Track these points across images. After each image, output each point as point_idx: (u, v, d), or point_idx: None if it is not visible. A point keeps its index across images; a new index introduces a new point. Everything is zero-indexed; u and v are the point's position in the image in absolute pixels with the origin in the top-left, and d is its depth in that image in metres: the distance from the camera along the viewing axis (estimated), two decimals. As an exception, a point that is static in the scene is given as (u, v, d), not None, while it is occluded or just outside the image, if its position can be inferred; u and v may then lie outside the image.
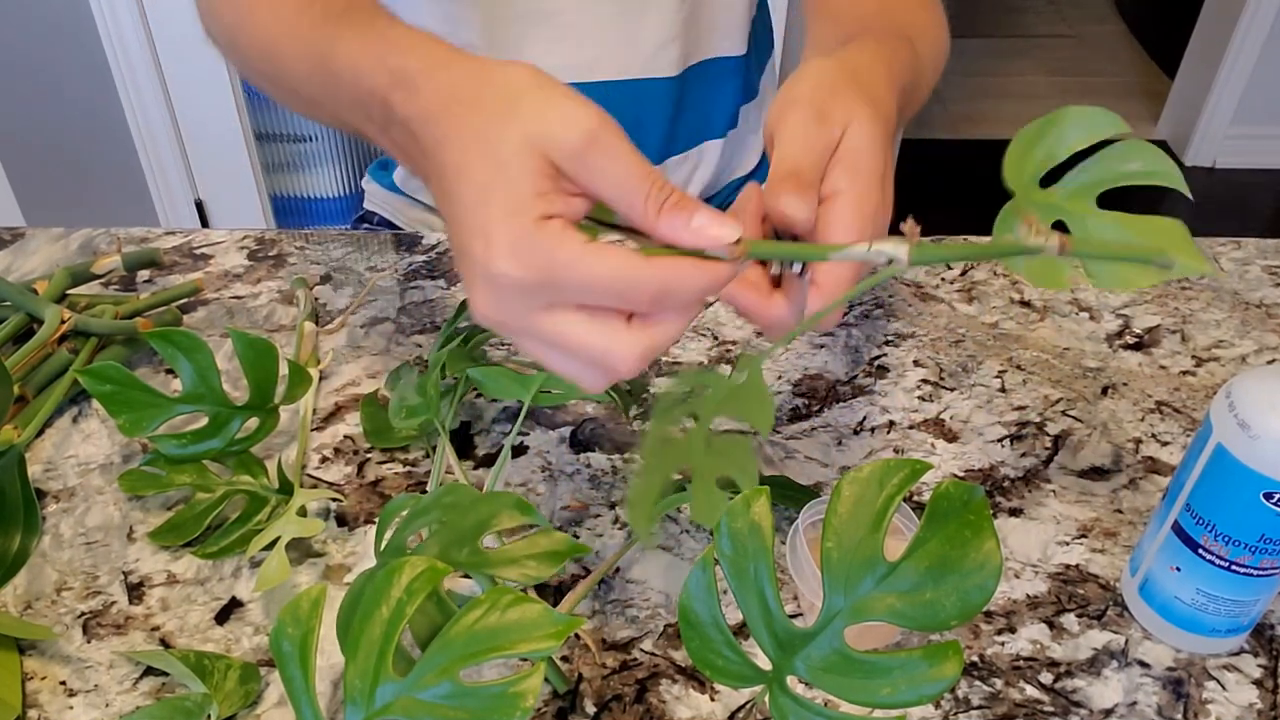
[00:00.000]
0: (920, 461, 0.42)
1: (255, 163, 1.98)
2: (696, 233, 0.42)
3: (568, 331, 0.43)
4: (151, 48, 1.82)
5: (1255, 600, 0.52)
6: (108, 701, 0.52)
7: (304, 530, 0.56)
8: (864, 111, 0.49)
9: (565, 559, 0.46)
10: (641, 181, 0.42)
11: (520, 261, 0.41)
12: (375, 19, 0.53)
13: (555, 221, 0.41)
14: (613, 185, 0.42)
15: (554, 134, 0.41)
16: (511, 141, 0.42)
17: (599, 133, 0.41)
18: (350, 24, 0.53)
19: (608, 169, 0.42)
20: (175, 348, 0.59)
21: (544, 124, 0.42)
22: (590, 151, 0.41)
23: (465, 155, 0.43)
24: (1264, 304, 0.77)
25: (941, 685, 0.39)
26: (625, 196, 0.42)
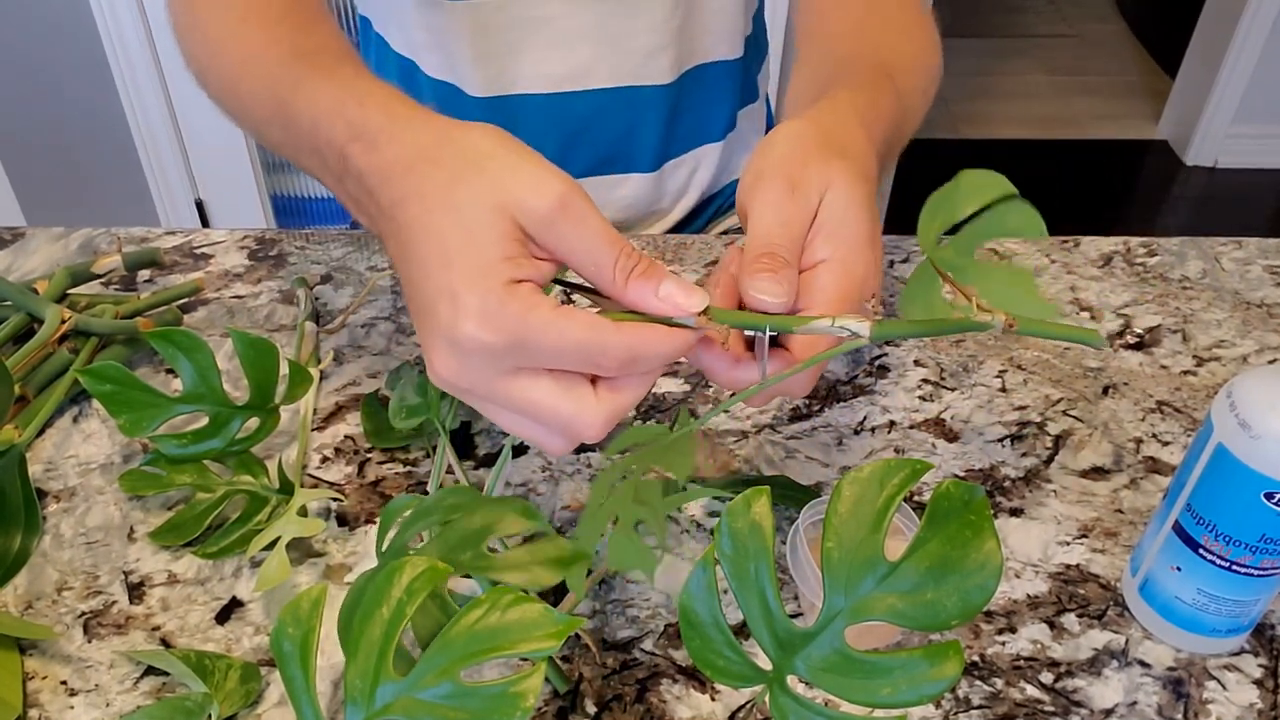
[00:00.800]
0: (921, 461, 0.42)
1: (255, 162, 1.98)
2: (664, 301, 0.43)
3: (535, 398, 0.42)
4: (152, 47, 1.82)
5: (1256, 600, 0.52)
6: (108, 701, 0.52)
7: (304, 530, 0.56)
8: (841, 174, 0.48)
9: (570, 565, 0.46)
10: (610, 248, 0.42)
11: (490, 325, 0.41)
12: (340, 65, 0.52)
13: (525, 285, 0.41)
14: (582, 252, 0.42)
15: (523, 199, 0.41)
16: (479, 204, 0.42)
17: (568, 199, 0.41)
18: (315, 68, 0.52)
19: (577, 235, 0.42)
20: (176, 347, 0.59)
21: (513, 189, 0.42)
22: (560, 218, 0.41)
23: (428, 215, 0.43)
24: (1265, 304, 0.77)
25: (942, 685, 0.39)
26: (594, 263, 0.42)
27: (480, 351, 0.41)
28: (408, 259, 0.44)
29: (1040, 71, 3.04)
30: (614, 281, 0.42)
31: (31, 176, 1.97)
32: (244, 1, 0.61)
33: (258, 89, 0.56)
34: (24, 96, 1.87)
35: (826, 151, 0.49)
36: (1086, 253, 0.82)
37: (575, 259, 0.43)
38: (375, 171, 0.45)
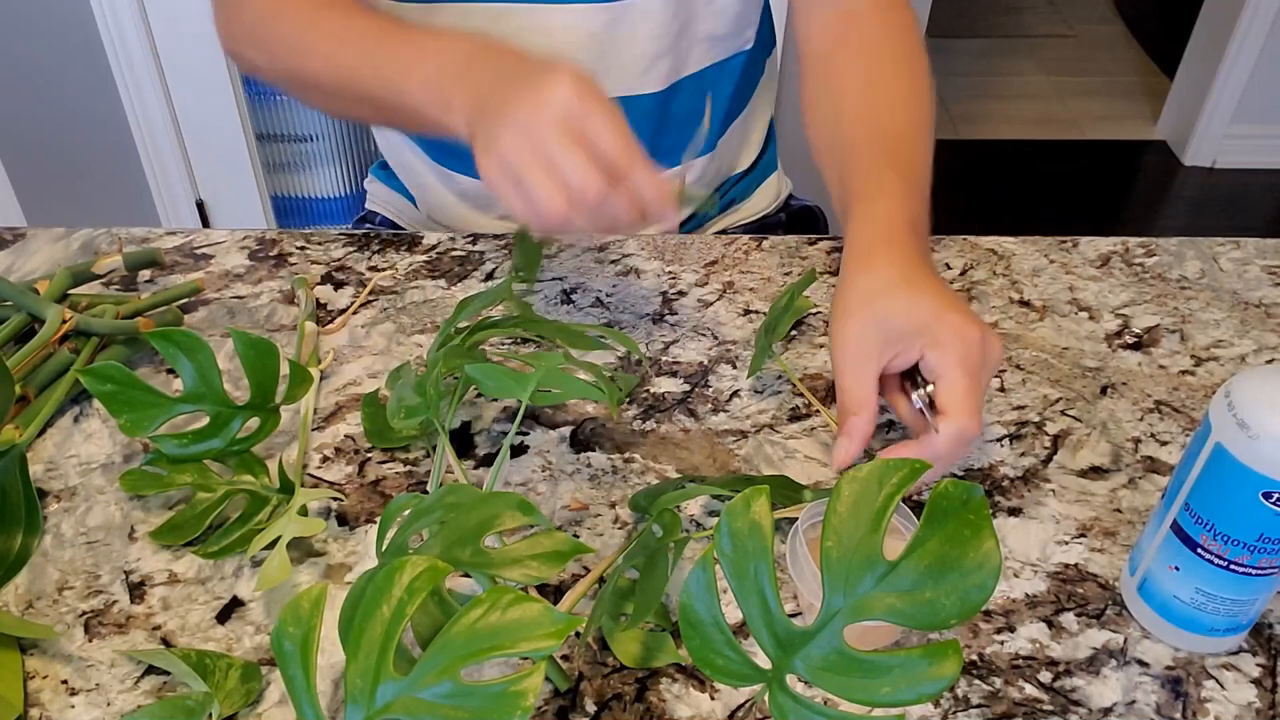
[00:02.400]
0: (919, 461, 0.42)
1: (256, 163, 1.98)
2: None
3: (571, 149, 0.57)
4: (153, 48, 1.82)
5: (1254, 599, 0.52)
6: (109, 700, 0.52)
7: (305, 530, 0.56)
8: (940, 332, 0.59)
9: (568, 559, 0.46)
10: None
11: (580, 96, 0.57)
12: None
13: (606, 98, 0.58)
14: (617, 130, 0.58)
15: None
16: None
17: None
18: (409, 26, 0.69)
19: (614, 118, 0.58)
20: (176, 347, 0.59)
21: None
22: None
23: (540, 66, 0.60)
24: (1263, 304, 0.78)
25: (941, 684, 0.40)
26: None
27: (564, 106, 0.57)
28: (512, 78, 0.61)
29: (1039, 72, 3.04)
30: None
31: (32, 177, 1.97)
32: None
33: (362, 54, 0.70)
34: (25, 97, 1.87)
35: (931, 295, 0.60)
36: (1085, 253, 0.82)
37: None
38: (502, 55, 0.64)
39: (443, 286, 0.78)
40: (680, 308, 0.76)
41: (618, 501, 0.62)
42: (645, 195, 0.59)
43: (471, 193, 0.91)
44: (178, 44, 1.82)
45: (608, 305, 0.77)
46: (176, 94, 1.89)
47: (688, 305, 0.77)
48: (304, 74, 0.75)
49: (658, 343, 0.73)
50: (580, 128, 0.57)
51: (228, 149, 1.95)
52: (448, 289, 0.78)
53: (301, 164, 2.07)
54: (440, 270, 0.80)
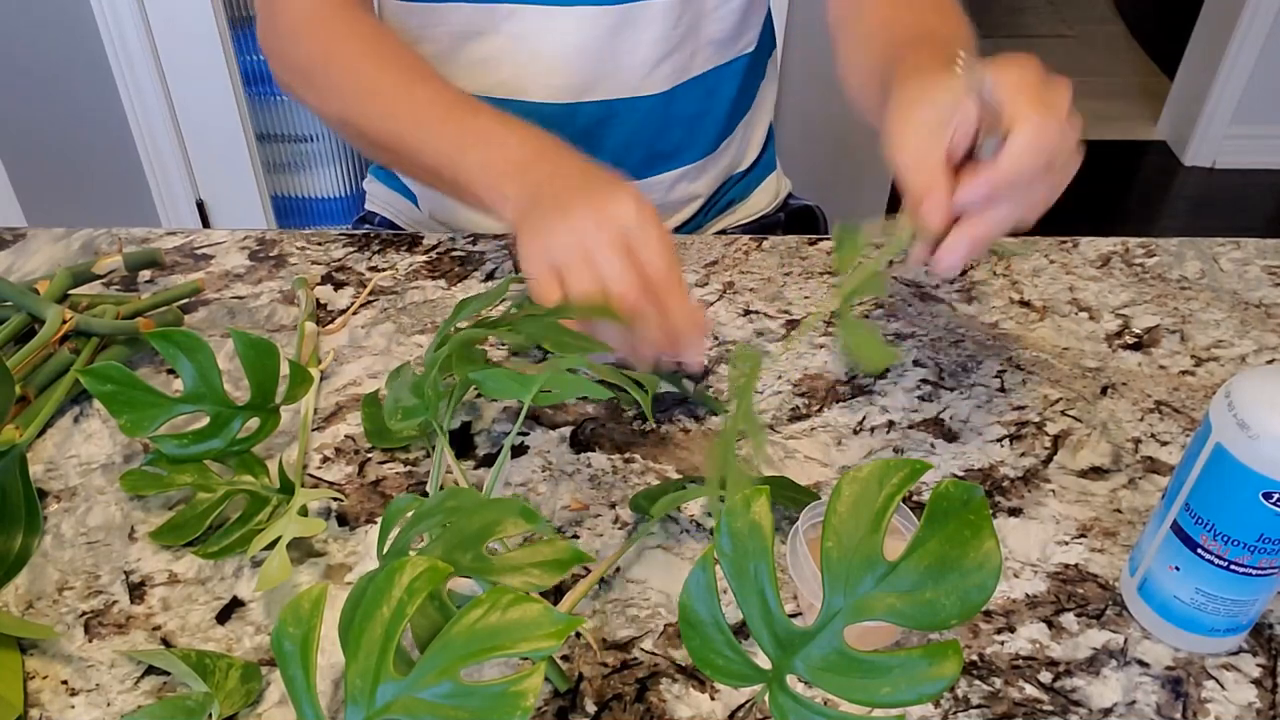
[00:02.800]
0: (920, 461, 0.42)
1: (256, 163, 1.98)
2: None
3: (618, 254, 0.58)
4: (153, 48, 1.82)
5: (1254, 600, 0.52)
6: (109, 700, 0.52)
7: (305, 530, 0.56)
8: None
9: (569, 568, 0.46)
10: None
11: (639, 211, 0.59)
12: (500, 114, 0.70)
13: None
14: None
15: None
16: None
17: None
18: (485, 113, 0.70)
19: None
20: (176, 348, 0.59)
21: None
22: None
23: (584, 184, 0.62)
24: (1263, 304, 0.78)
25: (941, 684, 0.40)
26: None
27: (623, 219, 0.59)
28: (576, 183, 0.62)
29: (1039, 72, 3.03)
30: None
31: (32, 177, 1.97)
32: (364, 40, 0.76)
33: (411, 125, 0.72)
34: (25, 97, 1.87)
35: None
36: (1085, 253, 0.82)
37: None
38: (544, 175, 0.64)
39: (443, 287, 0.78)
40: (680, 308, 0.76)
41: (618, 502, 0.62)
42: (678, 322, 0.59)
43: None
44: (178, 44, 1.82)
45: (608, 305, 0.77)
46: (176, 94, 1.89)
47: (688, 305, 0.77)
48: (355, 127, 0.76)
49: (658, 343, 0.73)
50: (632, 244, 0.59)
51: (228, 149, 1.95)
52: (448, 289, 0.78)
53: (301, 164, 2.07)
54: (440, 270, 0.80)
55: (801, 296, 0.77)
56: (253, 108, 1.95)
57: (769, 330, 0.74)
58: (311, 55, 0.77)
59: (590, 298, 0.58)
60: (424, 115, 0.71)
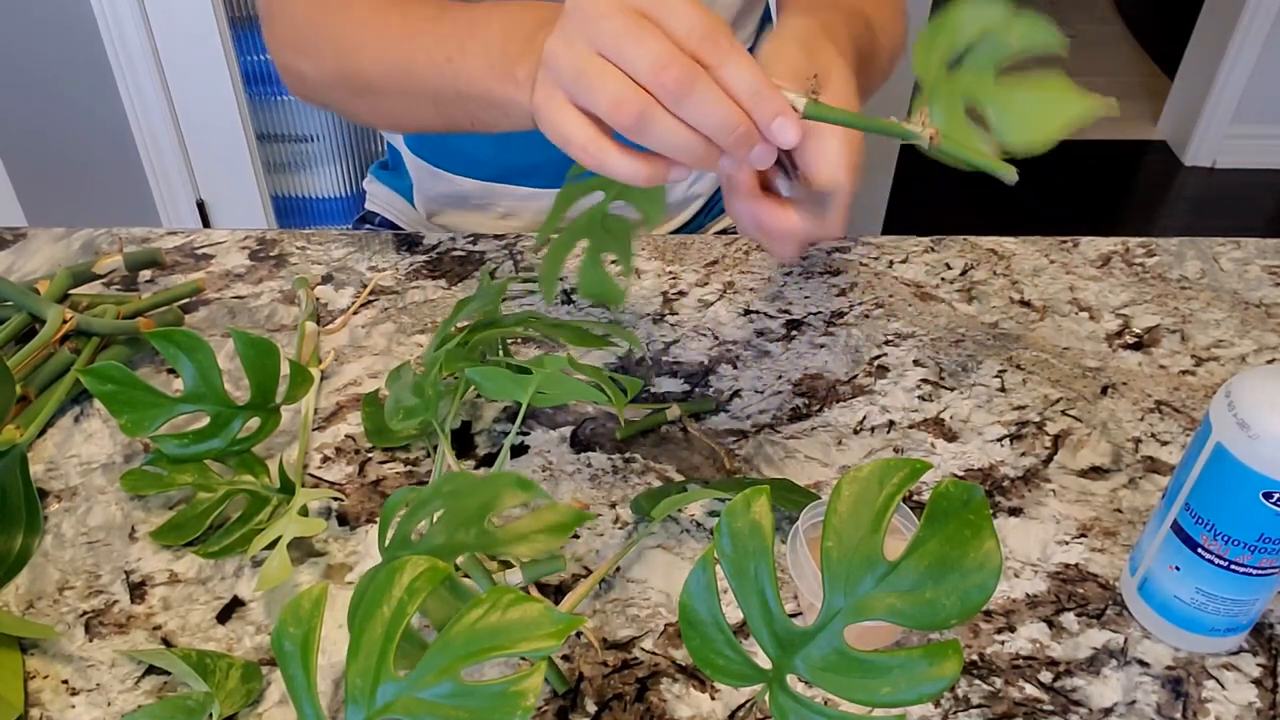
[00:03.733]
0: (920, 461, 0.42)
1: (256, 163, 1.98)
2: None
3: (632, 25, 0.45)
4: (153, 48, 1.82)
5: (1254, 599, 0.52)
6: (109, 700, 0.52)
7: (305, 530, 0.56)
8: (841, 63, 0.54)
9: (572, 529, 0.46)
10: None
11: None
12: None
13: None
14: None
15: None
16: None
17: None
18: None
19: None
20: (177, 347, 0.59)
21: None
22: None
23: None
24: (1264, 304, 0.78)
25: (941, 684, 0.40)
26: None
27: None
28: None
29: (1040, 72, 3.04)
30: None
31: (33, 177, 1.97)
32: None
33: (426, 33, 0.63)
34: (25, 97, 1.87)
35: (831, 42, 0.56)
36: (1085, 253, 0.82)
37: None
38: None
39: (443, 286, 0.78)
40: (681, 308, 0.76)
41: (618, 502, 0.62)
42: (740, 86, 0.46)
43: (471, 194, 0.91)
44: (178, 44, 1.82)
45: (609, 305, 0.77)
46: (177, 94, 1.89)
47: (688, 305, 0.77)
48: (353, 73, 0.69)
49: (658, 343, 0.73)
50: (651, 8, 0.46)
51: (228, 149, 1.95)
52: (448, 289, 0.78)
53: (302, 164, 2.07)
54: (441, 270, 0.80)
55: (802, 296, 0.77)
56: (253, 108, 1.95)
57: (769, 330, 0.74)
58: (304, 17, 0.72)
59: (628, 113, 0.45)
60: (414, 27, 0.63)
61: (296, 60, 0.74)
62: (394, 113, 0.72)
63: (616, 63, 0.45)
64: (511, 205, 0.91)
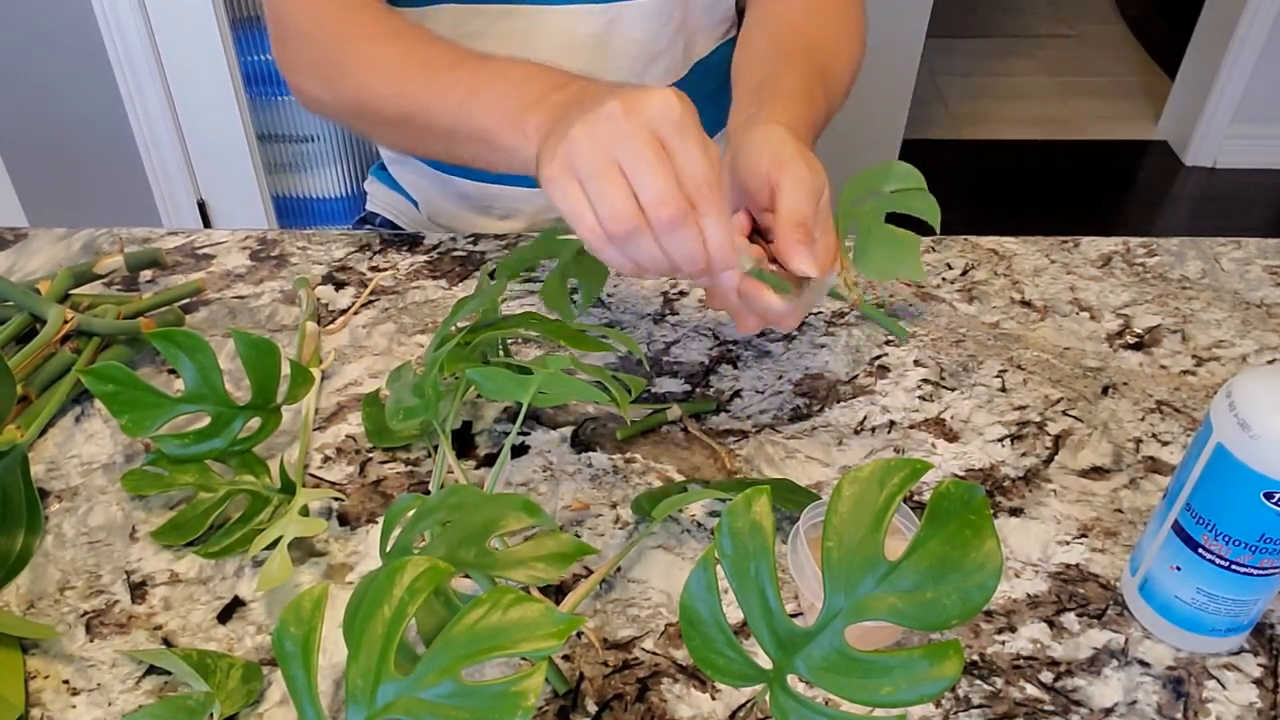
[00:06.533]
0: (921, 461, 0.42)
1: (257, 163, 1.98)
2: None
3: (652, 154, 0.51)
4: (154, 48, 1.82)
5: (1255, 600, 0.52)
6: (110, 700, 0.52)
7: (306, 530, 0.56)
8: (806, 158, 0.60)
9: (572, 560, 0.46)
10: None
11: (674, 105, 0.52)
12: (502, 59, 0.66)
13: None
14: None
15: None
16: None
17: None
18: (493, 65, 0.65)
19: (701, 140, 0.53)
20: (178, 348, 0.59)
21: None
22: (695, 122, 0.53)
23: (615, 90, 0.54)
24: (1264, 304, 0.78)
25: (942, 684, 0.40)
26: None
27: (655, 107, 0.52)
28: (601, 93, 0.54)
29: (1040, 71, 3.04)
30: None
31: (34, 177, 1.97)
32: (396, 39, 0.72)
33: (438, 73, 0.68)
34: (26, 97, 1.87)
35: (791, 142, 0.61)
36: (1086, 253, 0.82)
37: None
38: (577, 89, 0.58)
39: (444, 286, 0.78)
40: (681, 308, 0.76)
41: (619, 502, 0.62)
42: (712, 240, 0.53)
43: (471, 195, 0.91)
44: (179, 44, 1.82)
45: (609, 305, 0.77)
46: (178, 94, 1.89)
47: (688, 305, 0.77)
48: (371, 109, 0.72)
49: (659, 343, 0.73)
50: (670, 142, 0.52)
51: (229, 149, 1.95)
52: (449, 289, 0.78)
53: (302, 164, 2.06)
54: (441, 270, 0.80)
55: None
56: (254, 108, 1.95)
57: (769, 330, 0.74)
58: (322, 47, 0.75)
59: (620, 227, 0.52)
60: (433, 70, 0.67)
61: (311, 85, 0.76)
62: (404, 143, 0.77)
63: (629, 177, 0.51)
64: (511, 206, 0.91)
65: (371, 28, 0.73)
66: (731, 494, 0.57)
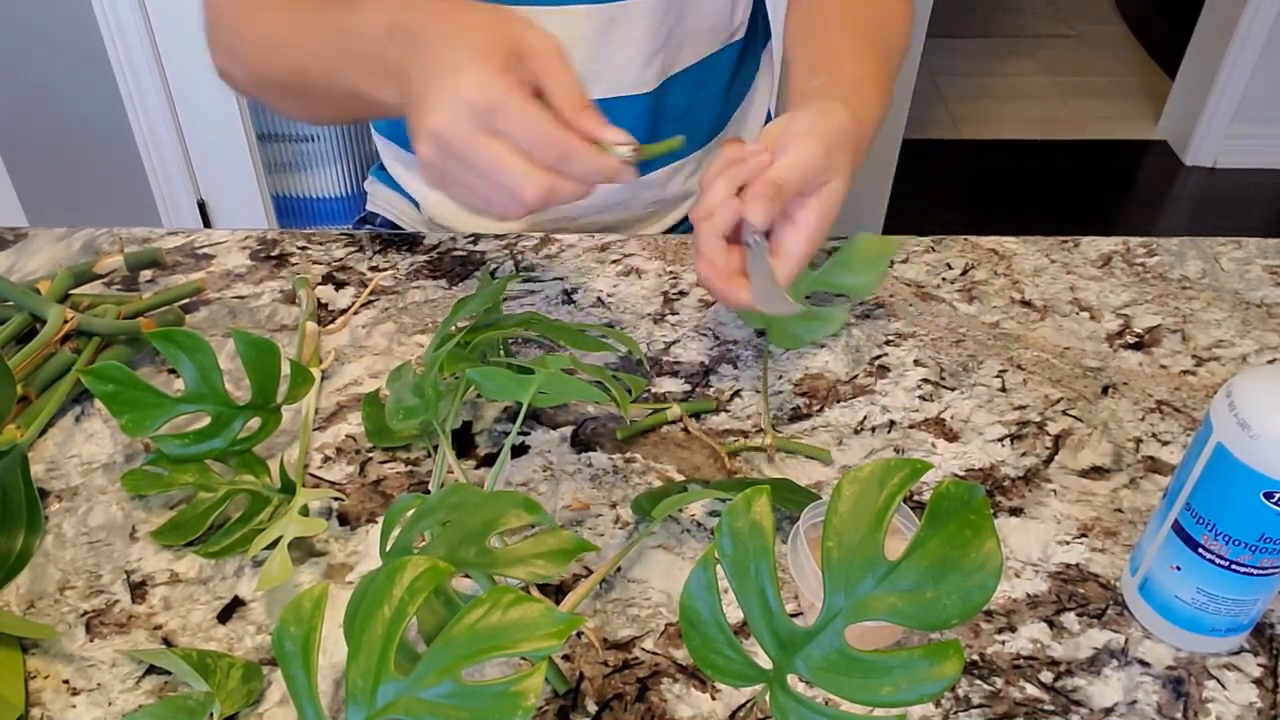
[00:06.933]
0: (921, 461, 0.42)
1: (257, 163, 1.98)
2: (602, 129, 0.56)
3: (498, 152, 0.54)
4: (154, 48, 1.82)
5: (1255, 599, 0.52)
6: (110, 700, 0.52)
7: (306, 529, 0.56)
8: (845, 176, 0.63)
9: (573, 557, 0.46)
10: (578, 88, 0.56)
11: (483, 88, 0.53)
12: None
13: (512, 77, 0.54)
14: (559, 84, 0.56)
15: (531, 37, 0.56)
16: (493, 28, 0.56)
17: (562, 48, 0.57)
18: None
19: (562, 71, 0.56)
20: (178, 347, 0.59)
21: (526, 28, 0.56)
22: (555, 55, 0.56)
23: (452, 28, 0.56)
24: (1264, 304, 0.78)
25: (942, 684, 0.40)
26: (564, 93, 0.56)
27: (469, 107, 0.54)
28: (427, 54, 0.56)
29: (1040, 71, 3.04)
30: (574, 107, 0.56)
31: (34, 177, 1.97)
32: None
33: (311, 31, 0.69)
34: (26, 97, 1.87)
35: (849, 152, 0.63)
36: (1086, 253, 0.82)
37: (551, 86, 0.56)
38: (415, 19, 0.58)
39: (444, 286, 0.78)
40: (681, 308, 0.76)
41: (619, 502, 0.62)
42: (588, 172, 0.56)
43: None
44: (179, 44, 1.82)
45: (609, 305, 0.77)
46: (178, 94, 1.89)
47: (689, 305, 0.77)
48: (268, 76, 0.74)
49: (659, 343, 0.73)
50: (496, 125, 0.54)
51: (229, 149, 1.95)
52: (449, 289, 0.78)
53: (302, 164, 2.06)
54: (441, 270, 0.80)
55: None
56: (254, 108, 1.95)
57: (764, 331, 0.74)
58: (230, 25, 0.77)
59: (509, 216, 0.57)
60: (313, 35, 0.69)
61: (229, 65, 0.79)
62: (307, 111, 0.79)
63: (484, 181, 0.56)
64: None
65: (272, 5, 0.73)
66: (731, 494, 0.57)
